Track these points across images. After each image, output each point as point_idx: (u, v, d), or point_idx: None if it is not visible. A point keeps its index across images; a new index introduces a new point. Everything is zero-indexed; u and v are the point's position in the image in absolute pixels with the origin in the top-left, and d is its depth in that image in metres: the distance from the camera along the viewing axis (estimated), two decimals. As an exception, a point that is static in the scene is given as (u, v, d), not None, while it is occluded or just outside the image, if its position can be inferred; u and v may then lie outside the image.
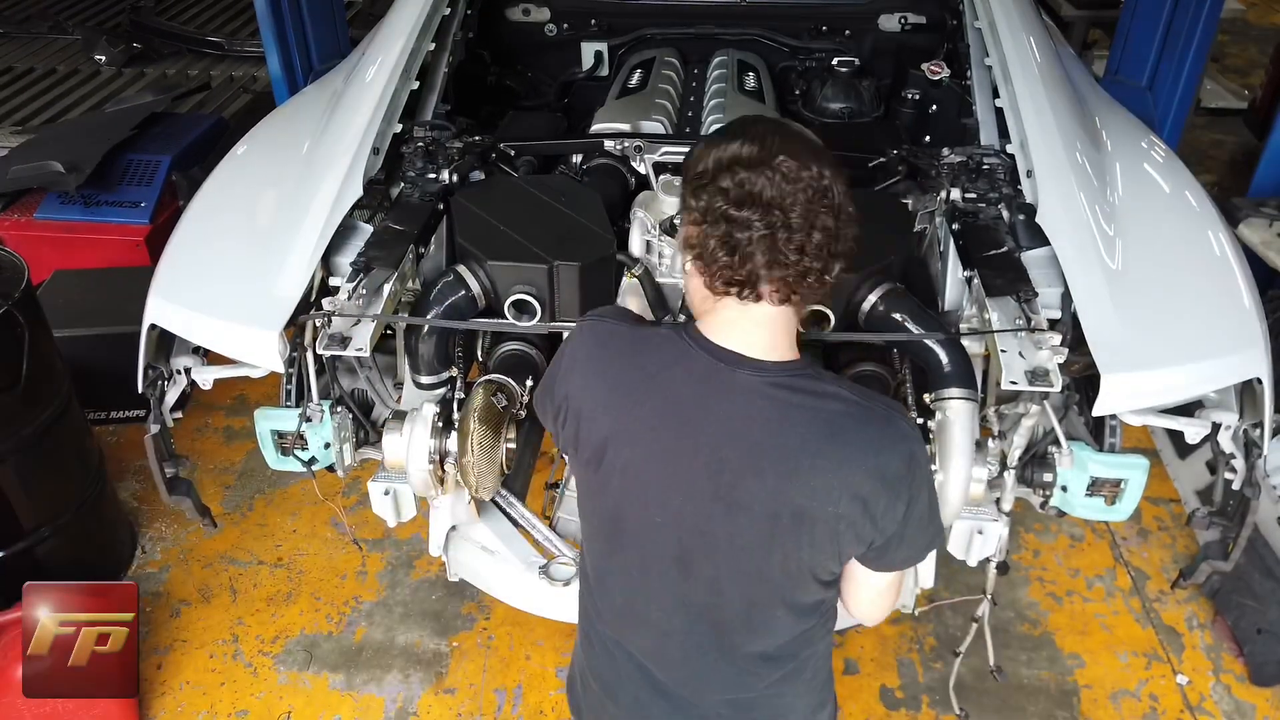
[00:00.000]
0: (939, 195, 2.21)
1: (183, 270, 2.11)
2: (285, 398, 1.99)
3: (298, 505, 3.26)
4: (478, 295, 1.94)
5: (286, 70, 4.18)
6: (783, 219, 1.17)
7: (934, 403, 1.80)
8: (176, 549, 3.12)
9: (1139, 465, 1.81)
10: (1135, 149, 2.37)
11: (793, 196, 1.16)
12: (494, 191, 2.20)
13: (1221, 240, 2.07)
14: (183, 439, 3.39)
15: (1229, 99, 5.88)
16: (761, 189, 1.17)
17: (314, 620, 2.88)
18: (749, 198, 1.17)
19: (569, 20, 3.30)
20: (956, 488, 1.75)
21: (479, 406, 1.83)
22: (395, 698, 2.67)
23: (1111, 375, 1.69)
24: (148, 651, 2.76)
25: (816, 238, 1.18)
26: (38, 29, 5.43)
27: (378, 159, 2.26)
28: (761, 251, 1.18)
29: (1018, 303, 1.82)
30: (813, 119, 2.92)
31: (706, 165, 1.22)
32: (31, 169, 3.70)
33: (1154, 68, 4.03)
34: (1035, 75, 2.31)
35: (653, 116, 2.58)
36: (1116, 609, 2.90)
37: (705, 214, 1.21)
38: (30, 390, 2.54)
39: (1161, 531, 3.15)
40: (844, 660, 2.74)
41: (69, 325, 3.21)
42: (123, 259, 3.75)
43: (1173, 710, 2.63)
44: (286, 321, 1.87)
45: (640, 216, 2.04)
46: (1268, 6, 7.57)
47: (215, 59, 5.19)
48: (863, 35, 3.19)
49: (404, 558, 3.07)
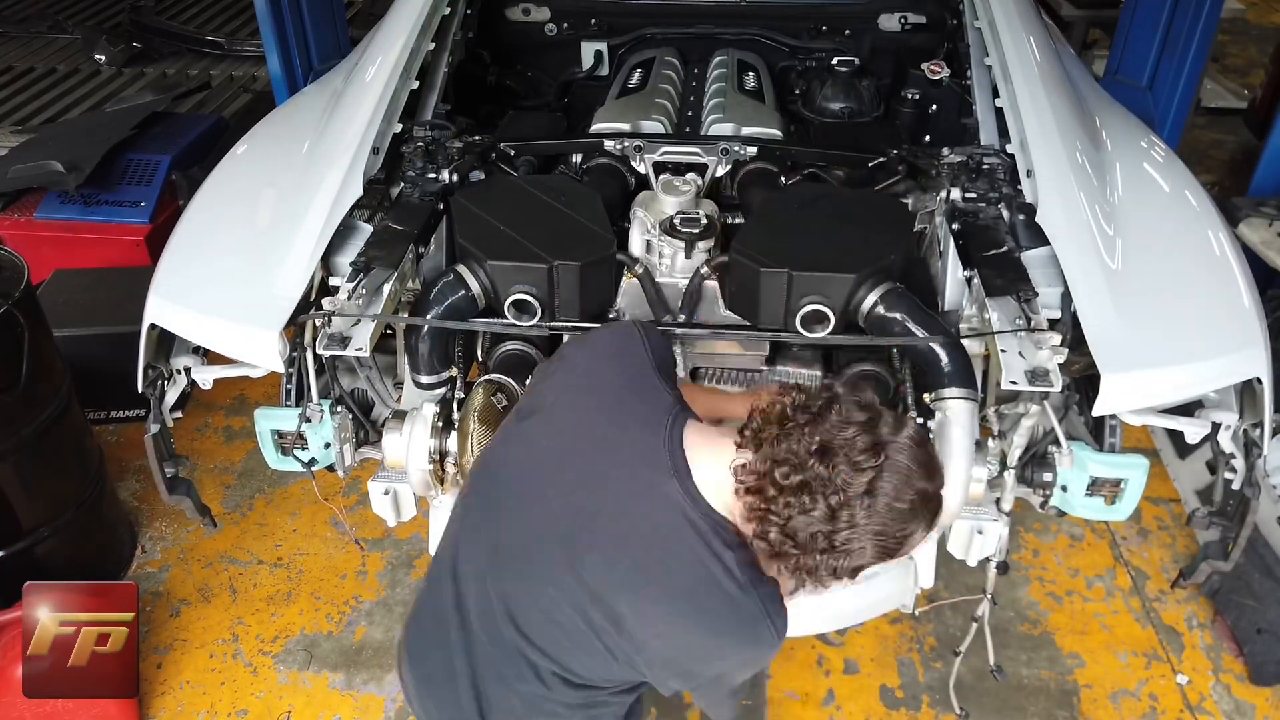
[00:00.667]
0: (939, 195, 2.21)
1: (183, 270, 2.11)
2: (285, 398, 1.99)
3: (298, 505, 3.26)
4: (478, 295, 1.94)
5: (286, 70, 4.17)
6: (805, 463, 1.15)
7: (934, 403, 1.80)
8: (176, 549, 3.12)
9: (1139, 465, 1.81)
10: (1135, 149, 2.37)
11: (827, 480, 1.13)
12: (494, 191, 2.20)
13: (1221, 240, 2.07)
14: (183, 439, 3.40)
15: (1229, 99, 5.88)
16: (840, 446, 1.15)
17: (314, 620, 2.88)
18: (835, 435, 1.16)
19: (569, 20, 3.30)
20: (956, 488, 1.75)
21: (479, 406, 1.83)
22: (395, 697, 2.67)
23: (1111, 375, 1.69)
24: (148, 651, 2.76)
25: (798, 503, 1.15)
26: (38, 29, 5.42)
27: (378, 159, 2.26)
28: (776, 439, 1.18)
29: (1018, 303, 1.82)
30: (813, 119, 2.92)
31: None
32: (31, 169, 3.69)
33: (1154, 68, 4.02)
34: (1035, 75, 2.31)
35: (653, 116, 2.58)
36: (1116, 609, 2.90)
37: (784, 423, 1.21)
38: (30, 390, 2.54)
39: (1161, 531, 3.15)
40: (844, 660, 2.74)
41: (69, 325, 3.21)
42: (123, 259, 3.75)
43: (1173, 710, 2.63)
44: (286, 321, 1.87)
45: (640, 216, 2.04)
46: (1268, 6, 7.57)
47: (215, 59, 5.19)
48: (863, 35, 3.19)
49: (404, 557, 3.07)
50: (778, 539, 1.18)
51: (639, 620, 1.25)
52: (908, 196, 2.31)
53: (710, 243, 1.98)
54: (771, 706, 2.63)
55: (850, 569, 1.18)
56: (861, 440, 1.15)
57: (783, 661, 2.72)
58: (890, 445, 1.16)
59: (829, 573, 1.18)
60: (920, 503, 1.17)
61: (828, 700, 2.65)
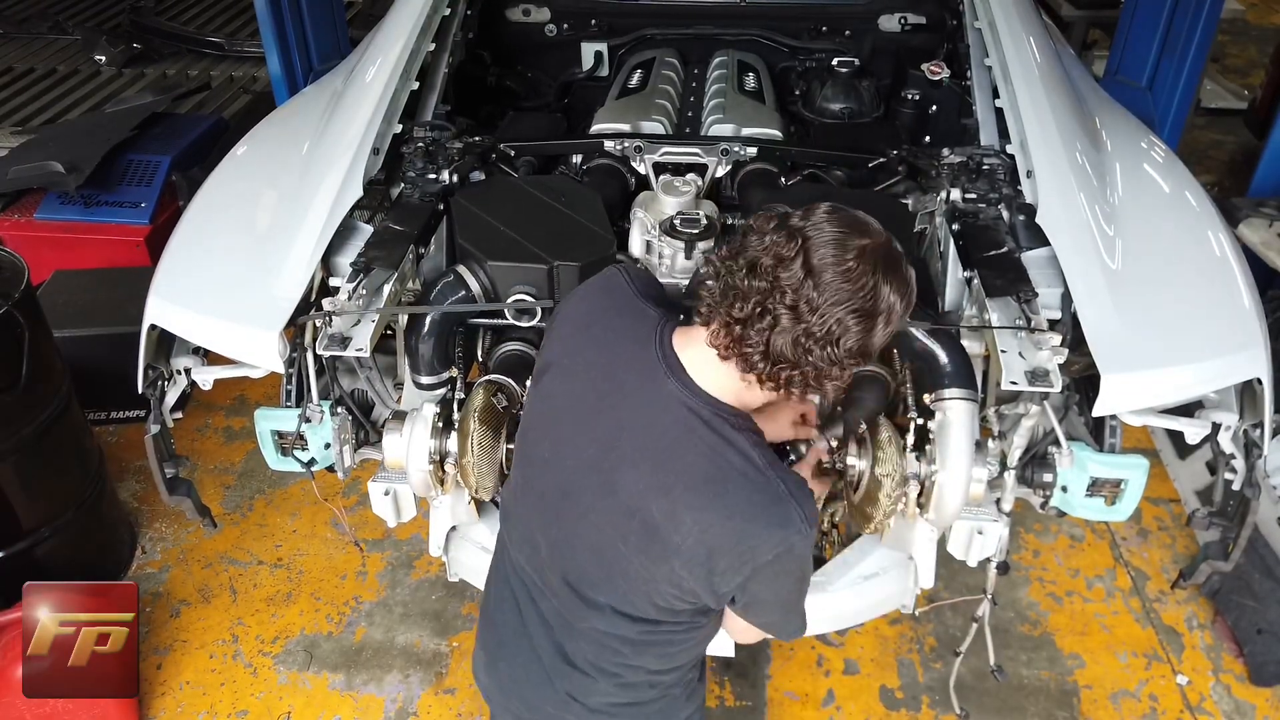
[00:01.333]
0: (939, 195, 2.21)
1: (183, 270, 2.11)
2: (285, 398, 1.99)
3: (298, 505, 3.26)
4: (478, 296, 1.94)
5: (286, 70, 4.17)
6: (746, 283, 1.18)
7: (934, 403, 1.80)
8: (176, 549, 3.12)
9: (1139, 465, 1.80)
10: (1135, 149, 2.37)
11: (772, 281, 1.17)
12: (494, 192, 2.20)
13: (1221, 240, 2.07)
14: (183, 439, 3.40)
15: (1229, 99, 5.88)
16: (763, 253, 1.18)
17: (314, 620, 2.88)
18: (753, 252, 1.19)
19: (569, 20, 3.30)
20: (956, 488, 1.75)
21: (479, 406, 1.83)
22: (395, 698, 2.67)
23: (1111, 375, 1.69)
24: (148, 651, 2.76)
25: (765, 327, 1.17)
26: (38, 29, 5.42)
27: (378, 159, 2.26)
28: (721, 289, 1.22)
29: (1018, 303, 1.82)
30: (813, 119, 2.92)
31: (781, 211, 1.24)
32: (31, 169, 3.69)
33: (1154, 68, 4.02)
34: (1035, 75, 2.31)
35: (653, 117, 2.58)
36: (1116, 609, 2.90)
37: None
38: (30, 390, 2.54)
39: (1161, 531, 3.15)
40: (844, 660, 2.75)
41: (69, 325, 3.22)
42: (123, 259, 3.75)
43: (1173, 710, 2.63)
44: (286, 321, 1.87)
45: (640, 216, 2.04)
46: (1268, 6, 7.57)
47: (215, 59, 5.18)
48: (863, 35, 3.19)
49: (404, 558, 3.07)
50: (772, 369, 1.20)
51: (671, 523, 1.27)
52: (908, 197, 2.31)
53: (710, 243, 1.98)
54: (771, 706, 2.63)
55: (849, 350, 1.18)
56: (776, 238, 1.18)
57: (782, 661, 2.73)
58: (805, 226, 1.18)
59: (831, 364, 1.18)
60: (868, 256, 1.16)
61: (828, 700, 2.65)
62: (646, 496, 1.28)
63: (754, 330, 1.18)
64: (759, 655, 2.73)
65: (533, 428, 1.48)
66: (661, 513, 1.27)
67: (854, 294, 1.15)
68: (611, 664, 1.46)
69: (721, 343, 1.23)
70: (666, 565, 1.30)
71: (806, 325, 1.16)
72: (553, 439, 1.41)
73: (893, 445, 1.73)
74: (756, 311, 1.17)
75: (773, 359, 1.19)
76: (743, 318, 1.19)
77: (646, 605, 1.38)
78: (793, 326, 1.16)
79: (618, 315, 1.40)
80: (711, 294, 1.25)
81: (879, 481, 1.72)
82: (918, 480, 1.76)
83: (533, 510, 1.46)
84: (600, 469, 1.33)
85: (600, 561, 1.37)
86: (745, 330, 1.19)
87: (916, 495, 1.77)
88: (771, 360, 1.19)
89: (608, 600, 1.39)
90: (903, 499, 1.75)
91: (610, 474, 1.32)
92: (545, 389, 1.45)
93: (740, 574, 1.28)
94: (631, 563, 1.33)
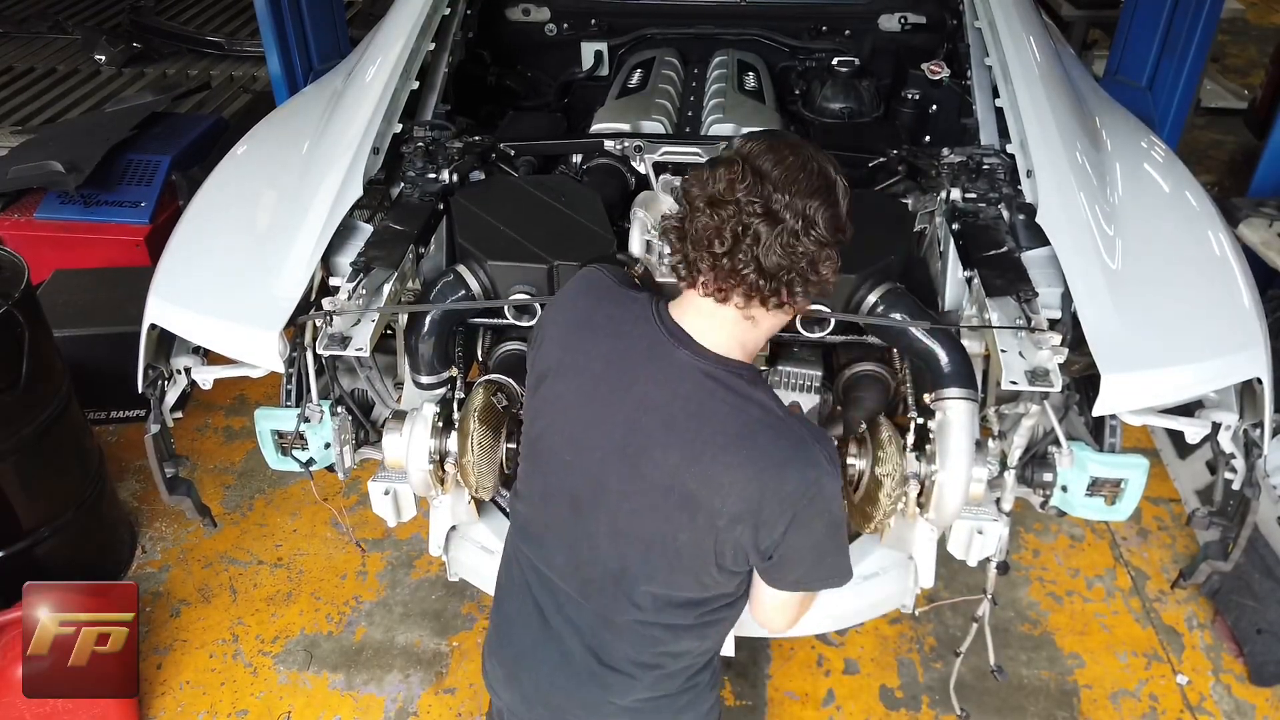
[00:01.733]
0: (939, 195, 2.21)
1: (183, 270, 2.11)
2: (285, 398, 1.99)
3: (298, 505, 3.26)
4: (478, 295, 1.94)
5: (286, 70, 4.18)
6: (714, 217, 1.23)
7: (934, 403, 1.79)
8: (176, 549, 3.12)
9: (1139, 465, 1.80)
10: (1135, 149, 2.37)
11: (734, 203, 1.22)
12: (494, 191, 2.20)
13: (1221, 240, 2.07)
14: (183, 439, 3.40)
15: (1229, 99, 5.88)
16: (714, 187, 1.24)
17: (314, 620, 2.88)
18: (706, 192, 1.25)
19: (569, 20, 3.30)
20: (956, 488, 1.75)
21: (479, 406, 1.83)
22: (395, 698, 2.67)
23: (1111, 375, 1.69)
24: (148, 651, 2.76)
25: (748, 246, 1.22)
26: (38, 29, 5.42)
27: (378, 159, 2.26)
28: (693, 241, 1.27)
29: (1018, 303, 1.82)
30: (813, 119, 2.92)
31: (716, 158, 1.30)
32: (31, 169, 3.69)
33: (1154, 68, 4.02)
34: (1035, 75, 2.31)
35: (653, 116, 2.58)
36: (1116, 609, 2.90)
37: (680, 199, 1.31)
38: (30, 390, 2.54)
39: (1161, 531, 3.15)
40: (844, 660, 2.75)
41: (69, 325, 3.22)
42: (123, 259, 3.75)
43: (1173, 710, 2.63)
44: (286, 321, 1.87)
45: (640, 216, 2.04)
46: (1268, 6, 7.57)
47: (215, 59, 5.19)
48: (863, 35, 3.19)
49: (404, 558, 3.07)
50: (772, 283, 1.24)
51: (708, 488, 1.29)
52: (908, 196, 2.31)
53: None
54: (771, 706, 2.63)
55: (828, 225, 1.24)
56: (717, 171, 1.25)
57: (782, 661, 2.73)
58: (735, 151, 1.26)
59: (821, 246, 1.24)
60: (797, 148, 1.25)
61: (828, 700, 2.65)
62: (680, 469, 1.30)
63: (741, 252, 1.23)
64: (759, 655, 2.73)
65: (545, 434, 1.46)
66: (697, 481, 1.29)
67: (807, 177, 1.23)
68: (652, 655, 1.46)
69: (715, 286, 1.27)
70: (712, 532, 1.31)
71: (784, 223, 1.21)
72: (572, 440, 1.41)
73: (893, 445, 1.73)
74: (736, 233, 1.22)
75: (769, 272, 1.23)
76: (725, 249, 1.23)
77: (693, 584, 1.39)
78: (772, 230, 1.22)
79: (609, 305, 1.43)
80: (684, 252, 1.29)
81: (879, 481, 1.72)
82: (918, 480, 1.76)
83: (564, 517, 1.45)
84: (627, 454, 1.34)
85: (645, 547, 1.37)
86: (733, 259, 1.23)
87: (916, 495, 1.77)
88: (768, 275, 1.23)
89: (655, 588, 1.39)
90: (903, 499, 1.75)
91: (639, 456, 1.33)
92: (550, 394, 1.44)
93: (783, 521, 1.29)
94: (679, 539, 1.34)
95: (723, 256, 1.24)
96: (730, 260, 1.23)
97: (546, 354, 1.46)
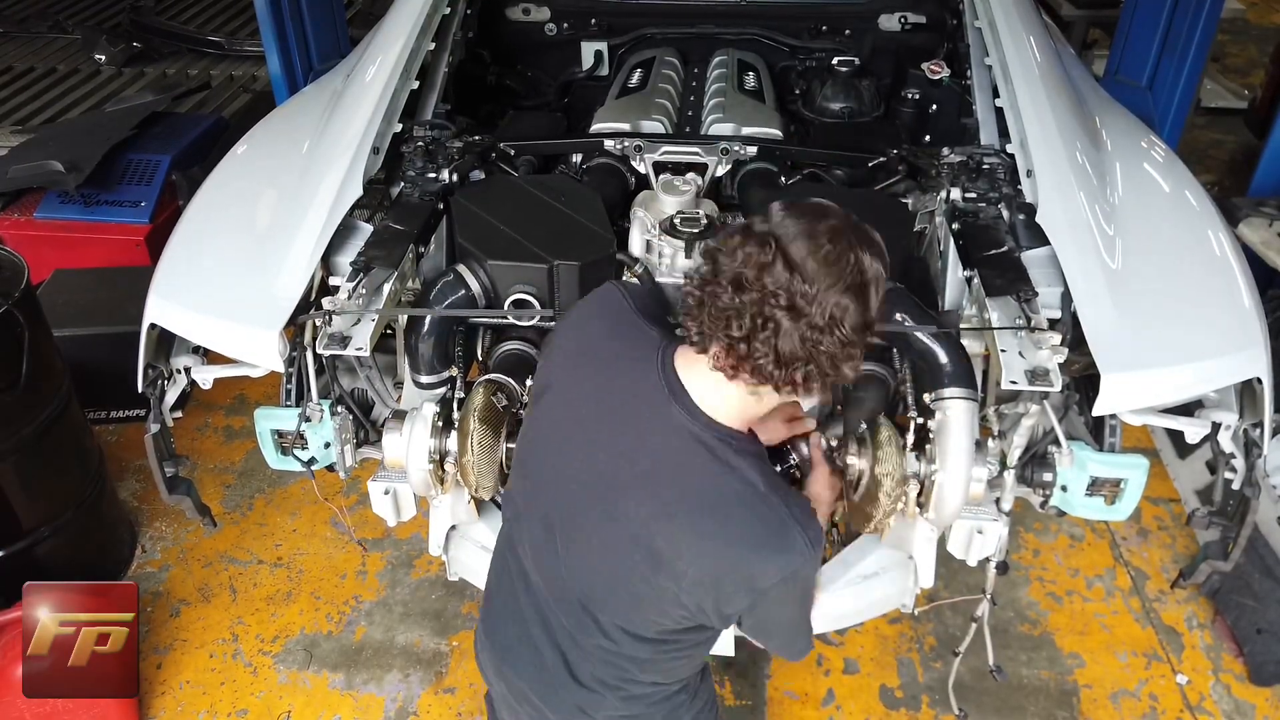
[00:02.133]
0: (939, 195, 2.21)
1: (183, 270, 2.11)
2: (285, 397, 1.99)
3: (298, 505, 3.26)
4: (478, 295, 1.94)
5: (286, 70, 4.18)
6: (735, 300, 1.17)
7: (934, 402, 1.80)
8: (176, 549, 3.12)
9: (1139, 465, 1.80)
10: (1135, 149, 2.37)
11: (758, 289, 1.15)
12: (494, 191, 2.20)
13: (1221, 240, 2.07)
14: (183, 439, 3.40)
15: (1229, 99, 5.88)
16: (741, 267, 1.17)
17: (314, 620, 2.88)
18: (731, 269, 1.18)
19: (569, 20, 3.30)
20: (956, 487, 1.75)
21: (479, 406, 1.83)
22: (395, 697, 2.67)
23: (1111, 375, 1.69)
24: (148, 651, 2.76)
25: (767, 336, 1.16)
26: (38, 29, 5.42)
27: (378, 159, 2.26)
28: (711, 317, 1.20)
29: (1018, 303, 1.82)
30: (813, 119, 2.92)
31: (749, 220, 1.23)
32: (31, 169, 3.70)
33: (1154, 68, 4.02)
34: (1035, 75, 2.31)
35: (653, 116, 2.58)
36: (1116, 609, 2.90)
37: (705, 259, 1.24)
38: (30, 390, 2.54)
39: (1161, 531, 3.15)
40: (844, 660, 2.75)
41: (69, 325, 3.22)
42: (123, 259, 3.75)
43: (1172, 710, 2.63)
44: (286, 321, 1.87)
45: (640, 216, 2.04)
46: (1268, 6, 7.57)
47: (215, 59, 5.19)
48: (863, 35, 3.19)
49: (404, 557, 3.07)
50: (787, 373, 1.18)
51: (674, 549, 1.27)
52: (908, 196, 2.31)
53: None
54: (771, 706, 2.63)
55: (854, 327, 1.17)
56: (747, 250, 1.17)
57: (782, 661, 2.73)
58: (770, 229, 1.18)
59: (843, 345, 1.17)
60: (839, 236, 1.16)
61: (827, 700, 2.65)
62: (650, 524, 1.28)
63: (758, 341, 1.17)
64: (759, 655, 2.73)
65: (535, 448, 1.47)
66: (665, 540, 1.27)
67: (841, 274, 1.15)
68: (616, 679, 1.46)
69: (726, 364, 1.21)
70: (673, 591, 1.30)
71: (808, 318, 1.15)
72: (553, 464, 1.41)
73: (893, 445, 1.73)
74: (755, 323, 1.16)
75: (785, 362, 1.18)
76: (742, 335, 1.17)
77: (653, 627, 1.38)
78: (795, 325, 1.15)
79: (617, 338, 1.39)
80: (699, 322, 1.23)
81: (879, 481, 1.72)
82: (918, 480, 1.76)
83: (537, 533, 1.46)
84: (603, 497, 1.32)
85: (608, 585, 1.37)
86: (749, 345, 1.17)
87: (916, 495, 1.77)
88: (784, 364, 1.18)
89: (616, 621, 1.39)
90: (903, 498, 1.75)
91: (614, 502, 1.31)
92: (545, 410, 1.44)
93: (745, 599, 1.28)
94: (638, 587, 1.33)
95: (739, 341, 1.18)
96: (747, 346, 1.17)
97: (551, 369, 1.46)
